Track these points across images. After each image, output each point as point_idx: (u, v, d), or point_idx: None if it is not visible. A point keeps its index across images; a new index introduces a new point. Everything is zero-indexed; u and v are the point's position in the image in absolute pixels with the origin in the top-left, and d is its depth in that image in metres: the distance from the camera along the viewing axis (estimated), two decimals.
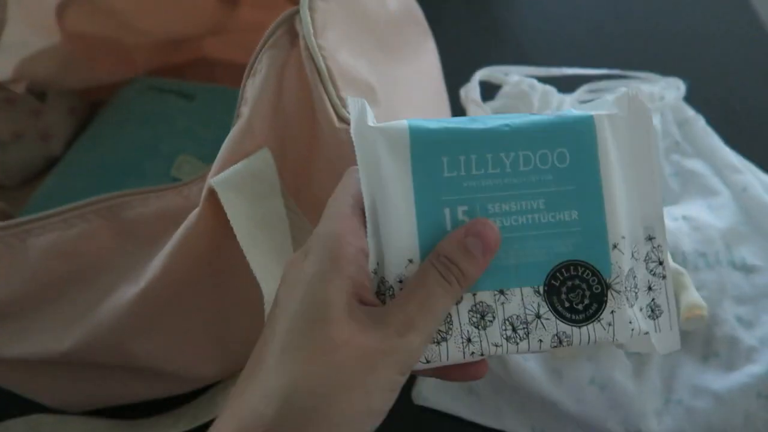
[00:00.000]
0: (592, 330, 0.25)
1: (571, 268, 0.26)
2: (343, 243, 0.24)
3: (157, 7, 0.49)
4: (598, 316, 0.25)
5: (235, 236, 0.32)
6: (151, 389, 0.40)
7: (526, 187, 0.26)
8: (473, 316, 0.25)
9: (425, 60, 0.48)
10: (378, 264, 0.25)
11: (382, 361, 0.22)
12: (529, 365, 0.37)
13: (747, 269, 0.41)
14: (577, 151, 0.26)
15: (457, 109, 0.53)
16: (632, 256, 0.26)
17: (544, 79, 0.54)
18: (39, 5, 0.45)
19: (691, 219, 0.42)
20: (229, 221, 0.32)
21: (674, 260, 0.41)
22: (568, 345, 0.25)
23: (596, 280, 0.26)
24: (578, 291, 0.26)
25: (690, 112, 0.50)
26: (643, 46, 0.62)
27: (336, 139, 0.35)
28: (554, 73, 0.55)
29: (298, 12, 0.35)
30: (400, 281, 0.25)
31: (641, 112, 0.27)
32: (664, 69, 0.55)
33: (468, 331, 0.25)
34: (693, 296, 0.38)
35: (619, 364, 0.37)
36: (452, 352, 0.25)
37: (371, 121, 0.27)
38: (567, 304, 0.25)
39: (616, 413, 0.36)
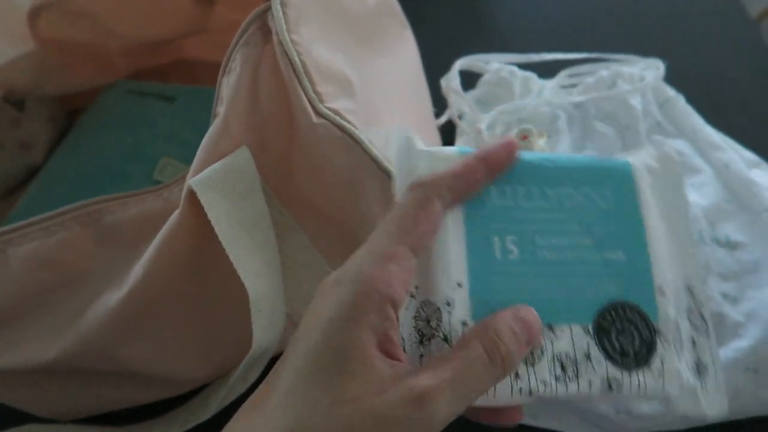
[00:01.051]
0: (642, 377, 0.24)
1: (619, 309, 0.25)
2: (371, 291, 0.21)
3: (131, 11, 0.48)
4: (649, 363, 0.25)
5: (217, 237, 0.32)
6: (142, 394, 0.40)
7: (573, 223, 0.26)
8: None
9: (404, 52, 0.48)
10: (417, 287, 0.24)
11: (396, 430, 0.20)
12: None
13: (731, 246, 0.41)
14: (618, 194, 0.27)
15: (439, 100, 0.53)
16: (676, 307, 0.26)
17: (524, 66, 0.54)
18: (10, 12, 0.45)
19: None
20: (210, 222, 0.32)
21: None
22: (618, 391, 0.24)
23: (645, 325, 0.25)
24: (628, 334, 0.25)
25: (670, 92, 0.50)
26: (622, 28, 0.62)
27: (314, 134, 0.34)
28: (534, 59, 0.55)
29: (270, 8, 0.35)
30: (448, 304, 0.24)
31: (672, 166, 0.27)
32: (644, 50, 0.55)
33: (515, 374, 0.24)
34: None
35: None
36: (500, 389, 0.23)
37: (420, 146, 0.27)
38: (618, 347, 0.25)
39: None
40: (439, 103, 0.53)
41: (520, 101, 0.49)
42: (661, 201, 0.27)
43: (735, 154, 0.44)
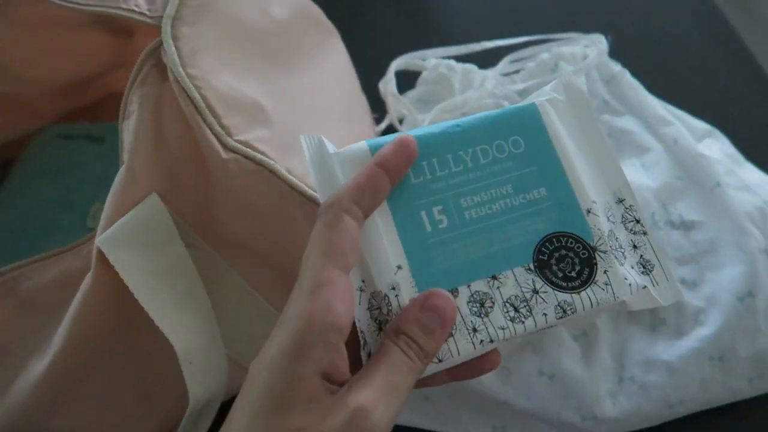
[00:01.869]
0: (592, 293, 0.26)
1: (554, 240, 0.27)
2: (311, 325, 0.22)
3: (44, 56, 0.46)
4: (594, 279, 0.26)
5: None
6: None
7: (491, 176, 0.27)
8: (473, 306, 0.25)
9: (331, 61, 0.46)
10: (364, 281, 0.25)
11: None
12: None
13: (686, 226, 0.39)
14: (529, 136, 0.28)
15: (380, 104, 0.51)
16: (608, 219, 0.28)
17: (464, 58, 0.52)
18: None
19: None
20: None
21: None
22: (573, 313, 0.26)
23: (581, 246, 0.27)
24: (567, 260, 0.26)
25: (616, 68, 0.48)
26: (563, 6, 0.59)
27: (226, 170, 0.32)
28: (474, 49, 0.53)
29: (162, 43, 0.33)
30: (393, 288, 0.25)
31: (578, 93, 0.29)
32: (586, 25, 0.53)
33: (472, 322, 0.25)
34: None
35: (566, 349, 0.36)
36: (462, 346, 0.25)
37: (331, 149, 0.28)
38: (560, 274, 0.26)
39: (569, 402, 0.35)
40: (380, 107, 0.51)
41: (461, 96, 0.47)
42: (572, 128, 0.29)
43: (683, 127, 0.42)
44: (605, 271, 0.26)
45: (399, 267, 0.25)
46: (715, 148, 0.42)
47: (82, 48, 0.47)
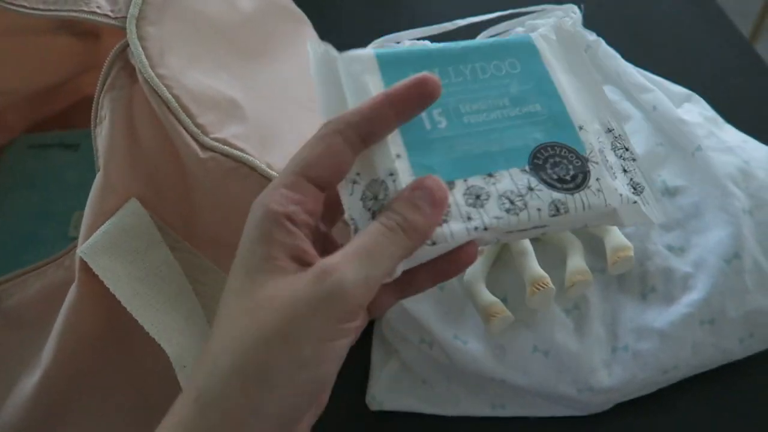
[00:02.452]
0: (585, 197, 0.27)
1: (549, 148, 0.28)
2: (267, 213, 0.24)
3: (8, 65, 0.45)
4: (586, 184, 0.27)
5: None
6: None
7: (489, 89, 0.29)
8: (468, 198, 0.26)
9: (302, 49, 0.45)
10: (359, 174, 0.26)
11: (308, 309, 0.21)
12: (471, 347, 0.36)
13: (670, 192, 0.39)
14: (525, 60, 0.30)
15: None
16: (599, 140, 0.29)
17: (439, 38, 0.51)
18: None
19: None
20: None
21: None
22: (566, 213, 0.26)
23: (574, 156, 0.28)
24: (561, 165, 0.27)
25: (591, 37, 0.48)
26: None
27: (205, 169, 0.32)
28: (448, 28, 0.52)
29: (128, 45, 0.32)
30: (391, 174, 0.25)
31: (568, 34, 0.31)
32: None
33: (467, 211, 0.25)
34: (617, 238, 0.36)
35: (559, 324, 0.36)
36: (456, 230, 0.25)
37: (335, 53, 0.28)
38: (555, 176, 0.27)
39: (565, 375, 0.35)
40: None
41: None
42: (563, 62, 0.31)
43: (661, 93, 0.42)
44: (597, 179, 0.27)
45: (398, 156, 0.26)
46: (695, 112, 0.42)
47: (49, 54, 0.46)
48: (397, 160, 0.25)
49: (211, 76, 0.34)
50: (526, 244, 0.36)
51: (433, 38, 0.51)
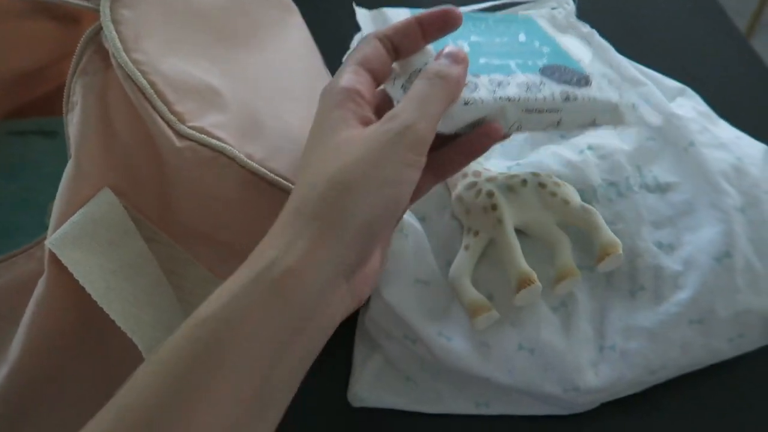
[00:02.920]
0: (589, 92, 0.33)
1: (555, 66, 0.34)
2: (339, 89, 0.29)
3: None
4: (589, 86, 0.33)
5: None
6: None
7: (503, 35, 0.36)
8: (492, 83, 0.31)
9: (289, 37, 0.44)
10: (399, 72, 0.31)
11: (386, 140, 0.26)
12: (455, 344, 0.35)
13: (661, 189, 0.38)
14: (528, 30, 0.37)
15: None
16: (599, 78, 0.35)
17: None
18: None
19: (597, 148, 0.40)
20: None
21: (584, 196, 0.38)
22: (575, 100, 0.32)
23: (577, 73, 0.34)
24: (567, 75, 0.33)
25: (585, 29, 0.47)
26: None
27: (182, 159, 0.31)
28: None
29: (102, 28, 0.30)
30: (426, 63, 0.30)
31: (562, 22, 0.42)
32: None
33: (493, 90, 0.30)
34: (606, 236, 0.35)
35: (545, 321, 0.35)
36: (484, 96, 0.30)
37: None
38: (563, 79, 0.33)
39: (551, 374, 0.34)
40: None
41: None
42: (559, 34, 0.38)
43: (654, 87, 0.41)
44: (597, 84, 0.33)
45: (425, 63, 0.30)
46: (688, 106, 0.41)
47: (26, 39, 0.45)
48: (430, 59, 0.31)
49: (190, 62, 0.33)
50: (512, 239, 0.35)
51: None
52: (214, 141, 0.31)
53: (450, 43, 0.32)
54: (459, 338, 0.35)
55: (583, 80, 0.33)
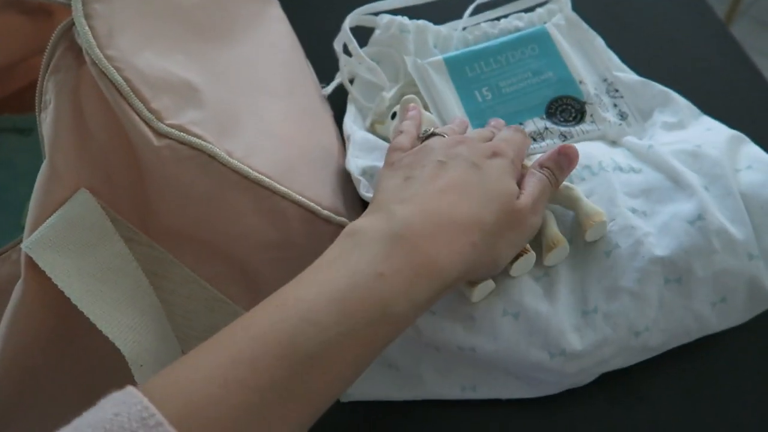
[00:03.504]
0: (583, 127, 0.43)
1: (558, 100, 0.44)
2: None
3: None
4: (584, 119, 0.43)
5: None
6: None
7: (518, 68, 0.45)
8: None
9: (269, 30, 0.43)
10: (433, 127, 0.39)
11: (516, 228, 0.33)
12: (439, 317, 0.35)
13: (634, 170, 0.39)
14: (541, 45, 0.46)
15: (334, 66, 0.48)
16: (595, 89, 0.44)
17: (420, 9, 0.50)
18: None
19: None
20: None
21: None
22: (571, 138, 0.42)
23: (576, 102, 0.44)
24: (567, 110, 0.43)
25: (589, 32, 0.48)
26: None
27: (160, 158, 0.30)
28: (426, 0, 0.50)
29: (74, 23, 0.30)
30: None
31: (575, 20, 0.47)
32: None
33: None
34: (588, 206, 0.36)
35: (527, 289, 0.35)
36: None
37: (420, 61, 0.46)
38: (562, 118, 0.43)
39: (536, 338, 0.34)
40: (332, 69, 0.48)
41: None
42: (570, 39, 0.47)
43: (633, 99, 0.44)
44: (592, 114, 0.43)
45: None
46: (659, 123, 0.43)
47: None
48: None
49: (165, 57, 0.32)
50: None
51: (412, 10, 0.49)
52: (193, 139, 0.30)
53: (483, 91, 0.45)
54: (443, 310, 0.35)
55: (579, 114, 0.43)
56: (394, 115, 0.44)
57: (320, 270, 0.28)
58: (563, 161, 0.36)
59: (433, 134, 0.37)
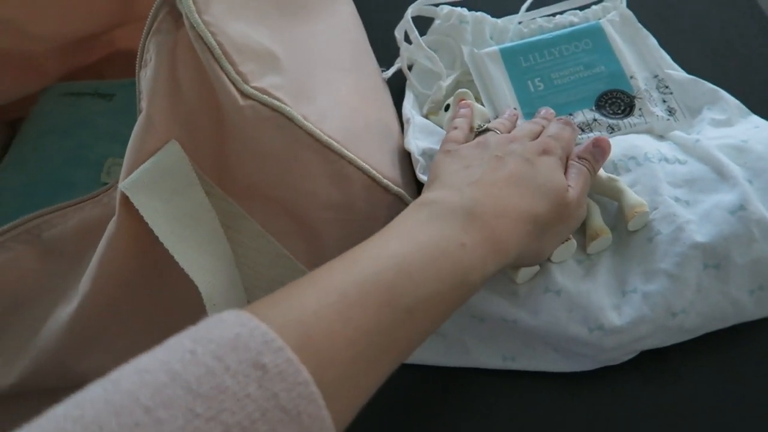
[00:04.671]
0: (631, 120, 0.44)
1: (608, 94, 0.45)
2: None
3: (48, 11, 0.46)
4: (632, 113, 0.44)
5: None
6: None
7: (570, 61, 0.47)
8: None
9: (338, 13, 0.46)
10: (489, 120, 0.43)
11: (565, 221, 0.35)
12: (485, 292, 0.38)
13: (680, 161, 0.40)
14: (594, 39, 0.48)
15: (392, 52, 0.51)
16: (645, 84, 0.46)
17: (478, 4, 0.52)
18: None
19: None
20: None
21: (605, 170, 0.41)
22: (619, 130, 0.44)
23: (625, 96, 0.45)
24: (616, 104, 0.45)
25: (642, 30, 0.49)
26: None
27: (243, 117, 0.33)
28: None
29: None
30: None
31: (628, 16, 0.49)
32: None
33: None
34: (631, 197, 0.38)
35: (569, 271, 0.37)
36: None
37: (477, 50, 0.48)
38: (611, 111, 0.44)
39: (576, 314, 0.36)
40: (391, 55, 0.51)
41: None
42: (623, 36, 0.48)
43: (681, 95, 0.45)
44: (640, 109, 0.44)
45: (514, 108, 0.45)
46: (707, 119, 0.44)
47: (88, 5, 0.47)
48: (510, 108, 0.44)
49: (252, 27, 0.35)
50: None
51: (471, 2, 0.52)
52: (274, 101, 0.33)
53: (535, 81, 0.46)
54: (491, 285, 0.38)
55: (628, 107, 0.44)
56: (447, 108, 0.46)
57: (406, 232, 0.30)
58: (597, 153, 0.39)
59: (486, 130, 0.39)
